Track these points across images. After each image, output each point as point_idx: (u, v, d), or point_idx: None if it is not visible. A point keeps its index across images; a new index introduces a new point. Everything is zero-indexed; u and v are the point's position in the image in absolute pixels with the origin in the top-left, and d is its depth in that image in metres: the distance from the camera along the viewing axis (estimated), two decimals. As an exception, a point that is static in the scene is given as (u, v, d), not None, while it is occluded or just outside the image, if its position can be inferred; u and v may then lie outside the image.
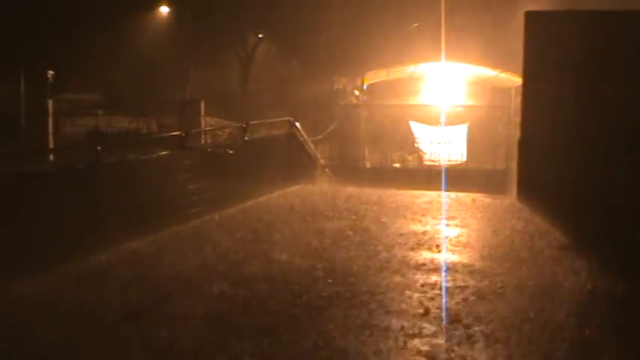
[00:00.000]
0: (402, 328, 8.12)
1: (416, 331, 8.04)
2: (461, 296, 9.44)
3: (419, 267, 11.14)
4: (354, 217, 15.47)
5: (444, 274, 10.72)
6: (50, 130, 21.82)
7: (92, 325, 8.24)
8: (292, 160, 20.25)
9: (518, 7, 19.44)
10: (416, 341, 7.72)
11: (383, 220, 15.17)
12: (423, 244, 12.83)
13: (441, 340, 7.79)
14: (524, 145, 15.31)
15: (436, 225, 14.84)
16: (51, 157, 18.05)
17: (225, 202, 15.89)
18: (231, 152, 16.88)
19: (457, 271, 10.94)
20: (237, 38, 32.94)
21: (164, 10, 31.95)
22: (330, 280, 10.13)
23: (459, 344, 7.65)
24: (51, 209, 11.17)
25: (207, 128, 23.41)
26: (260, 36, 33.13)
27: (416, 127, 25.24)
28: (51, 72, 23.19)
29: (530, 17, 14.81)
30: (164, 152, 15.21)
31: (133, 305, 8.93)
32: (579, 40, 13.70)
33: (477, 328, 8.11)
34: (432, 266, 11.22)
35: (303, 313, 8.64)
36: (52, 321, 8.35)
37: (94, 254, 11.51)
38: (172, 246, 12.56)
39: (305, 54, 31.16)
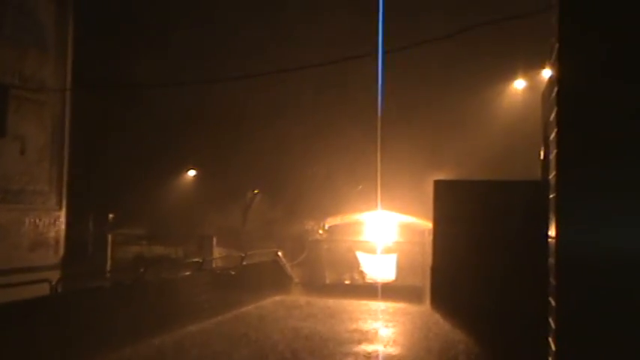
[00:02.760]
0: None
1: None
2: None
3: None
4: (317, 316, 15.39)
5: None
6: (108, 256, 21.62)
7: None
8: (275, 279, 20.16)
9: (428, 176, 19.79)
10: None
11: (336, 319, 15.11)
12: (362, 337, 12.76)
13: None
14: (433, 269, 15.29)
15: (372, 323, 14.78)
16: (108, 275, 17.90)
17: (228, 308, 15.70)
18: (233, 273, 16.79)
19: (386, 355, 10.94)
20: (240, 193, 33.15)
21: (191, 173, 32.26)
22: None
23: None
24: (106, 313, 11.03)
25: (217, 256, 23.22)
26: (255, 192, 33.41)
27: (361, 256, 25.27)
28: (111, 215, 23.18)
29: (438, 184, 15.00)
30: (187, 273, 15.13)
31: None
32: (474, 201, 13.92)
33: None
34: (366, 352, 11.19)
35: None
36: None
37: (134, 345, 11.29)
38: (193, 338, 12.42)
39: (285, 204, 31.39)
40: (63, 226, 17.89)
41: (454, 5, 23.59)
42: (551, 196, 5.99)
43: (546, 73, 16.24)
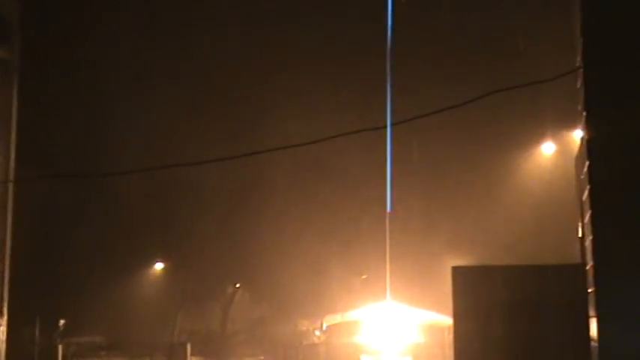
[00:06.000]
0: None
1: None
2: None
3: None
4: None
5: None
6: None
7: None
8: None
9: (445, 260, 19.86)
10: None
11: None
12: None
13: None
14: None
15: None
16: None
17: None
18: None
19: None
20: (218, 287, 32.92)
21: (158, 266, 32.07)
22: None
23: None
24: None
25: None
26: (237, 286, 33.17)
27: (367, 360, 24.95)
28: (62, 320, 22.97)
29: (457, 272, 15.04)
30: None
31: None
32: (500, 291, 13.90)
33: None
34: None
35: None
36: None
37: None
38: None
39: (274, 299, 31.17)
40: (4, 337, 17.71)
41: (473, 71, 24.46)
42: (589, 290, 6.07)
43: (578, 134, 16.54)
